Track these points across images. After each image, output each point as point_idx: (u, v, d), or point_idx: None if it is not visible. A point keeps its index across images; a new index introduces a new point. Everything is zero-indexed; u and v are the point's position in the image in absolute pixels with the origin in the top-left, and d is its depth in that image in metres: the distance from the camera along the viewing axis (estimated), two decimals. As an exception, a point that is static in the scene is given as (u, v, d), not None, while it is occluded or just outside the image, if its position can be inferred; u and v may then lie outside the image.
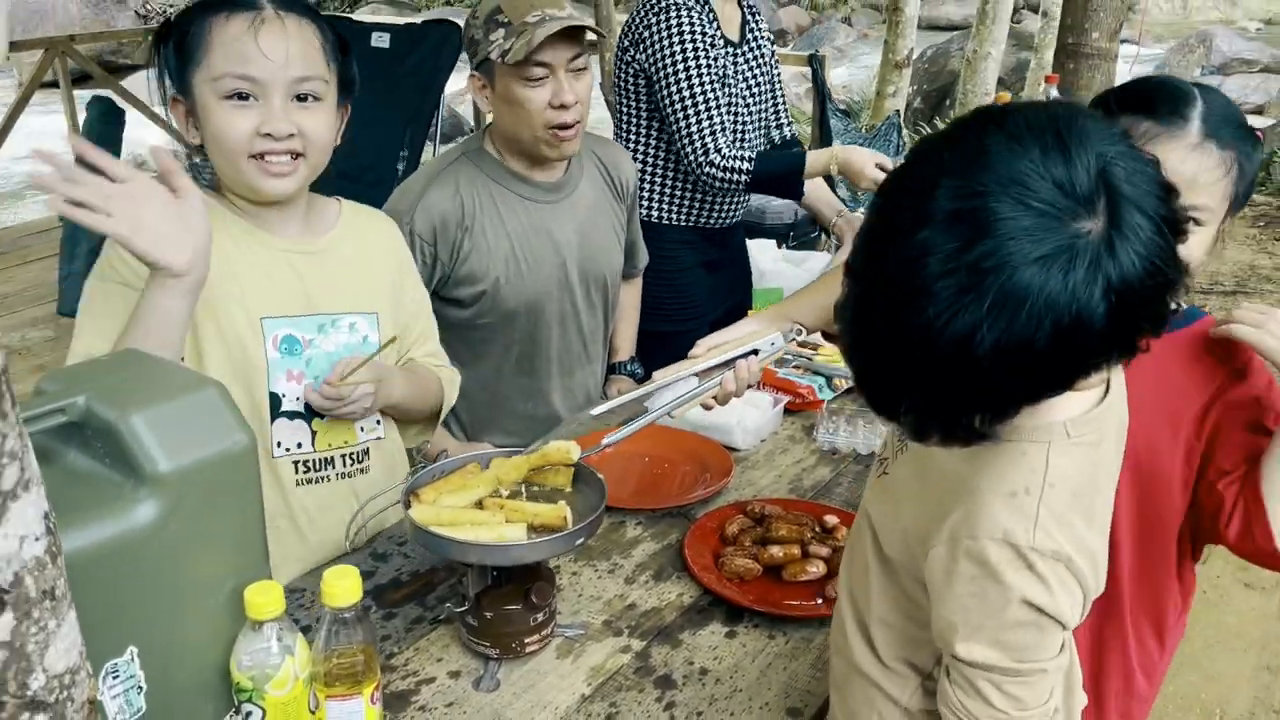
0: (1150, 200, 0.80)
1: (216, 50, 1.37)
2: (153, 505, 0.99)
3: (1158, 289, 0.80)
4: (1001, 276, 0.76)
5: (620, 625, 1.44)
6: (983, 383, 0.81)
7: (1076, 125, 0.80)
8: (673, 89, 2.44)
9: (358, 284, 1.57)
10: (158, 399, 1.02)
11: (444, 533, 1.25)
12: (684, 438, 1.89)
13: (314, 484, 1.56)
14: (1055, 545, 0.90)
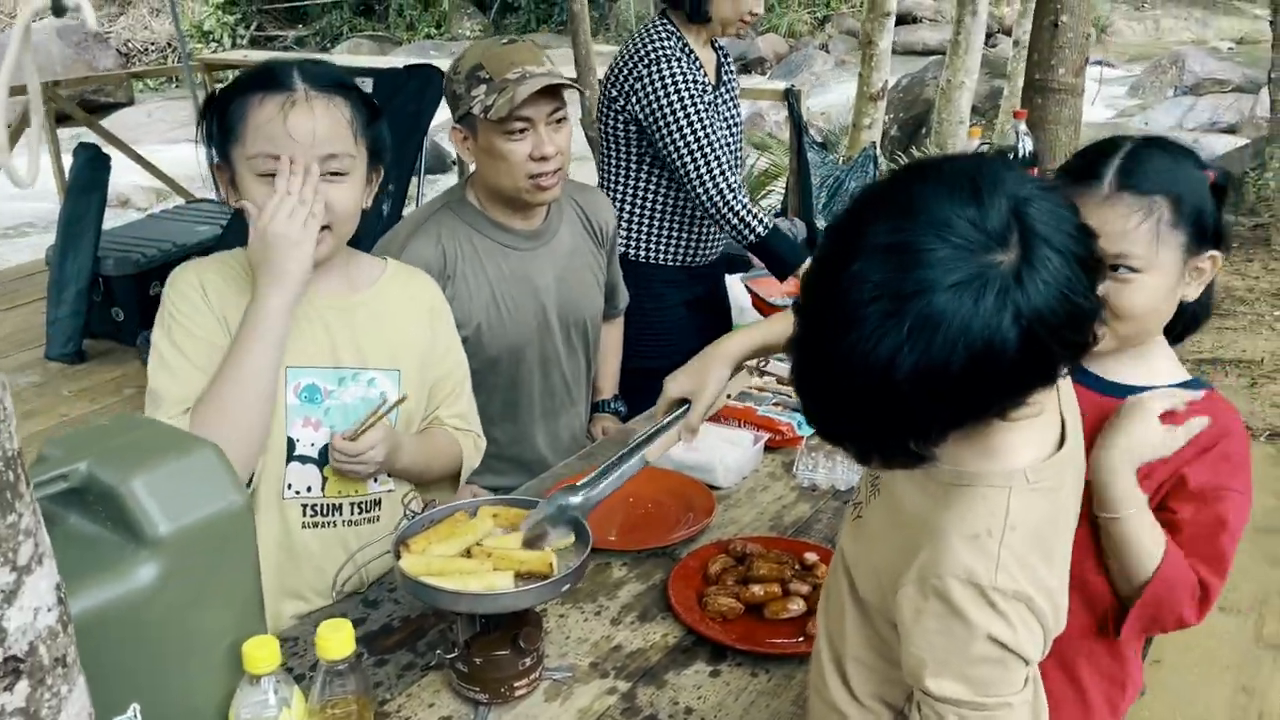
0: (1063, 238, 0.86)
1: (251, 130, 1.47)
2: (153, 566, 1.03)
3: (1070, 319, 0.86)
4: (920, 302, 0.83)
5: (607, 667, 1.48)
6: (906, 407, 0.86)
7: (991, 172, 0.88)
8: (677, 138, 2.54)
9: (384, 341, 1.63)
10: (156, 463, 1.06)
11: (433, 582, 1.29)
12: (667, 477, 1.93)
13: (320, 528, 1.61)
14: (1016, 585, 0.95)
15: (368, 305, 1.65)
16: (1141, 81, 14.32)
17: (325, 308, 1.60)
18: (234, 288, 1.56)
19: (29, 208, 8.50)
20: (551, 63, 1.98)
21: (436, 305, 1.77)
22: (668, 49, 2.55)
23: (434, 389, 1.74)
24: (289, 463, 1.58)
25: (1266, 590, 2.38)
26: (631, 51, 2.62)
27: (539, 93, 1.90)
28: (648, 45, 2.58)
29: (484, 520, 1.44)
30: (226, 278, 1.57)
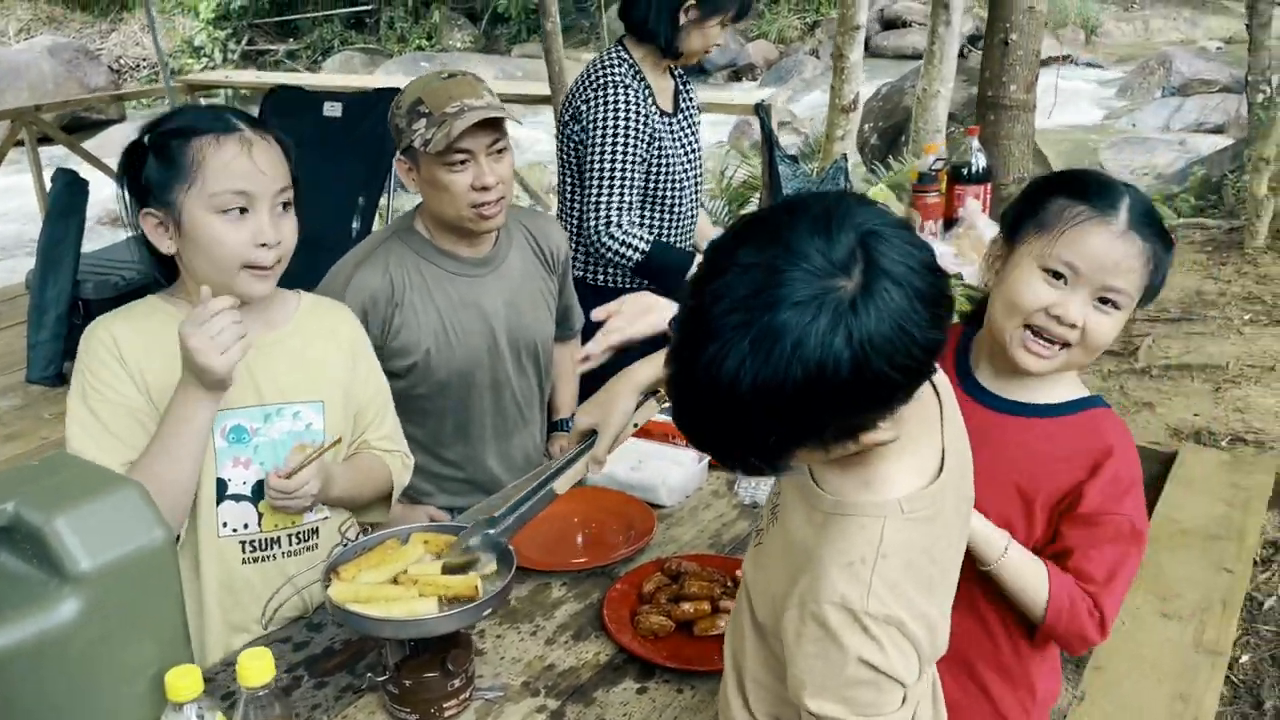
0: (905, 272, 0.92)
1: (212, 170, 1.51)
2: (76, 601, 1.08)
3: (904, 349, 0.91)
4: (766, 315, 0.88)
5: (538, 685, 1.53)
6: (748, 419, 0.91)
7: (845, 208, 0.94)
8: (595, 160, 2.59)
9: (306, 374, 1.68)
10: (79, 502, 1.12)
11: (359, 609, 1.35)
12: (609, 497, 1.99)
13: (261, 562, 1.66)
14: (888, 610, 0.99)
15: (286, 341, 1.69)
16: (1129, 82, 14.37)
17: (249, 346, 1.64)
18: (149, 340, 1.58)
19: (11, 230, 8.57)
20: (492, 95, 2.03)
21: (354, 334, 1.82)
22: (617, 76, 2.61)
23: (359, 415, 1.79)
24: (221, 503, 1.62)
25: (1210, 598, 2.43)
26: (584, 77, 2.69)
27: (478, 125, 1.95)
28: (600, 71, 2.65)
29: (414, 547, 1.49)
30: (140, 330, 1.59)
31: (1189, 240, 6.07)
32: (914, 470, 1.06)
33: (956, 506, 1.13)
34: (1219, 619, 2.37)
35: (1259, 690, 2.70)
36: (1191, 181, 7.37)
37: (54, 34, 16.32)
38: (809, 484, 1.06)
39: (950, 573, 1.12)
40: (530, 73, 14.03)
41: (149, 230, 1.56)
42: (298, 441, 1.67)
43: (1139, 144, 11.06)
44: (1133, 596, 2.47)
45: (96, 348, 1.57)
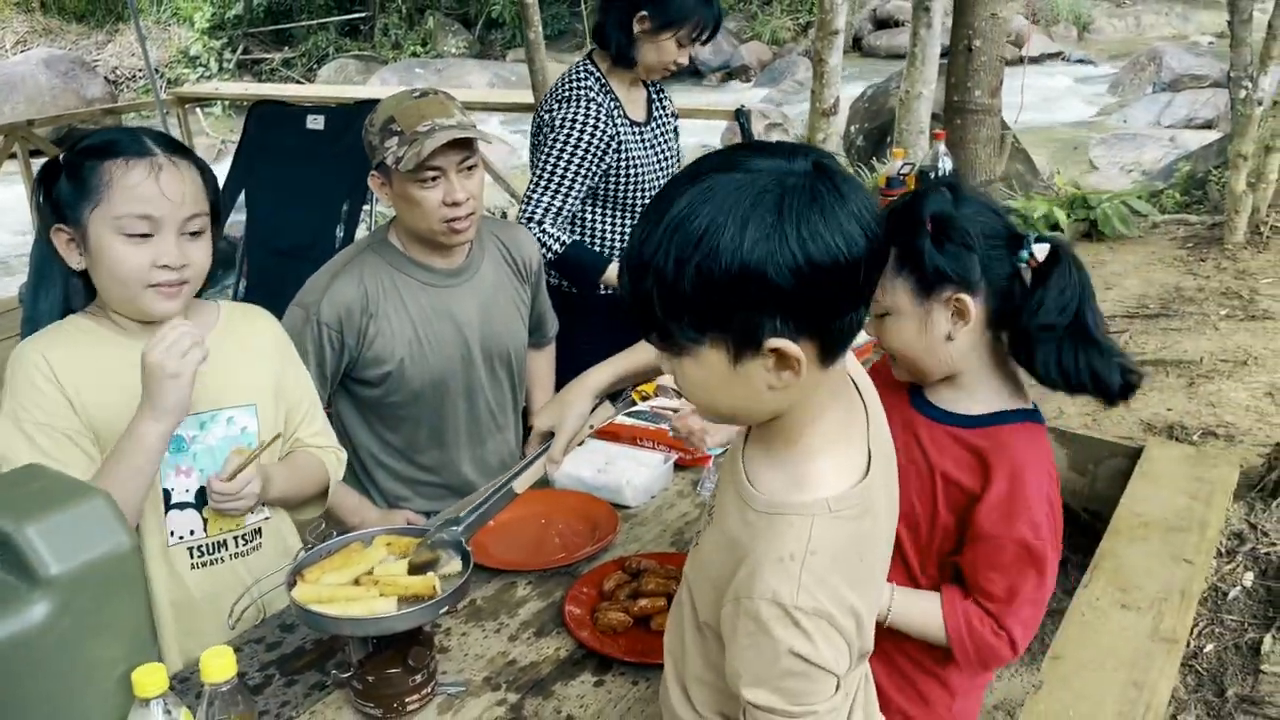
0: (856, 188, 1.00)
1: (118, 192, 1.55)
2: (45, 604, 1.15)
3: (837, 251, 0.98)
4: (718, 178, 0.98)
5: (499, 680, 1.60)
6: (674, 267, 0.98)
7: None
8: (542, 158, 2.70)
9: (235, 379, 1.74)
10: (49, 510, 1.19)
11: (321, 609, 1.41)
12: (573, 498, 2.06)
13: (209, 566, 1.73)
14: (816, 604, 1.05)
15: (217, 345, 1.71)
16: (1120, 79, 14.44)
17: None
18: (82, 355, 1.62)
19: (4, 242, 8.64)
20: (462, 113, 2.10)
21: (277, 336, 1.88)
22: (582, 89, 2.71)
23: (289, 414, 1.85)
24: (168, 513, 1.69)
25: (1168, 588, 2.49)
26: (554, 89, 2.77)
27: (449, 144, 2.02)
28: (566, 85, 2.75)
29: (378, 549, 1.56)
30: (72, 347, 1.63)
31: (1171, 236, 6.13)
32: (842, 470, 1.11)
33: (888, 503, 1.19)
34: (1177, 608, 2.42)
35: (1222, 679, 2.77)
36: (1177, 177, 7.42)
37: (50, 46, 16.42)
38: (744, 484, 1.11)
39: (878, 569, 1.17)
40: (525, 78, 14.04)
41: (60, 246, 1.59)
42: (235, 446, 1.73)
43: (1129, 140, 11.12)
44: (1091, 589, 2.53)
45: (30, 370, 1.59)
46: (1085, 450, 3.31)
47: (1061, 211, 5.69)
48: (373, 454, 2.27)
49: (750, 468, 1.12)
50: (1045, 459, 1.50)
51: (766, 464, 1.11)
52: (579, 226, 2.85)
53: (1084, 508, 3.43)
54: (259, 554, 1.77)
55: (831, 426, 1.10)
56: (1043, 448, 1.51)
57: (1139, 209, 6.23)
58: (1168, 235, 6.15)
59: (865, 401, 1.19)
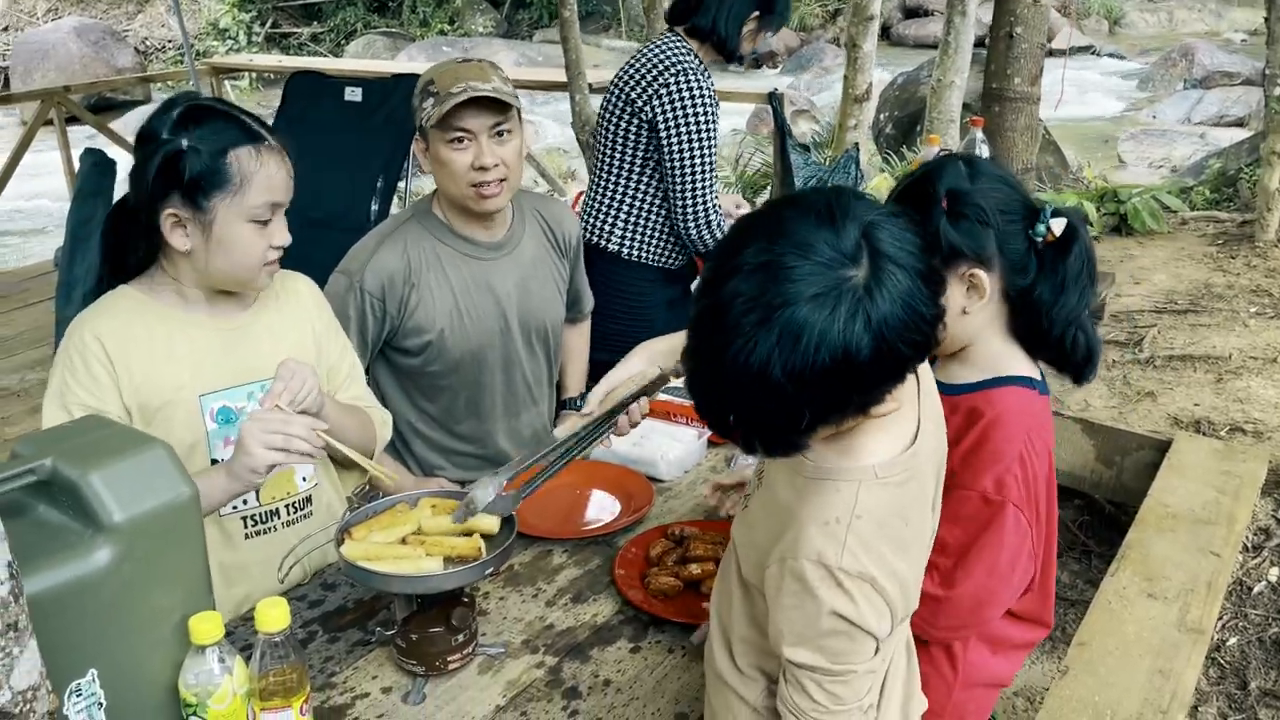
0: (906, 256, 1.01)
1: (255, 183, 1.59)
2: (108, 550, 1.18)
3: (914, 324, 1.00)
4: (786, 312, 0.97)
5: (537, 644, 1.63)
6: (780, 403, 0.99)
7: (843, 201, 1.03)
8: (685, 154, 2.77)
9: (279, 348, 1.75)
10: (113, 459, 1.21)
11: (369, 566, 1.44)
12: (609, 470, 2.08)
13: (262, 535, 1.75)
14: (860, 567, 1.08)
15: (257, 319, 1.76)
16: (1151, 74, 14.31)
17: (223, 330, 1.71)
18: (136, 331, 1.63)
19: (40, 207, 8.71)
20: (502, 81, 2.11)
21: (318, 300, 1.90)
22: (691, 64, 2.78)
23: (330, 375, 1.88)
24: None
25: (1195, 580, 2.50)
26: (656, 58, 2.81)
27: (481, 106, 2.03)
28: (673, 56, 2.79)
29: (422, 510, 1.59)
30: (127, 323, 1.63)
31: (1200, 233, 6.09)
32: (890, 438, 1.14)
33: (935, 470, 1.21)
34: (1203, 600, 2.43)
35: (1245, 672, 2.77)
36: (1208, 174, 7.37)
37: (81, 15, 16.49)
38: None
39: (924, 534, 1.20)
40: (551, 58, 14.08)
41: (165, 228, 1.59)
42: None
43: (1158, 136, 11.03)
44: (1118, 578, 2.54)
45: (83, 352, 1.61)
46: (1113, 442, 3.32)
47: (1091, 205, 5.67)
48: (410, 423, 2.30)
49: None
50: (1031, 421, 1.49)
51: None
52: (635, 200, 2.91)
53: (1108, 499, 3.44)
54: (308, 522, 1.80)
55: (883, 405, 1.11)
56: (1031, 410, 1.50)
57: (1170, 204, 6.19)
58: (1197, 232, 6.12)
59: (918, 371, 1.21)
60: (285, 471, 1.75)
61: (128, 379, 1.62)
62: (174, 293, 1.68)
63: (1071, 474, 3.38)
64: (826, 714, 1.12)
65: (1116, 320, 4.72)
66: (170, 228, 1.60)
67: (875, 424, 1.12)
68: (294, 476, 1.77)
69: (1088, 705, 2.13)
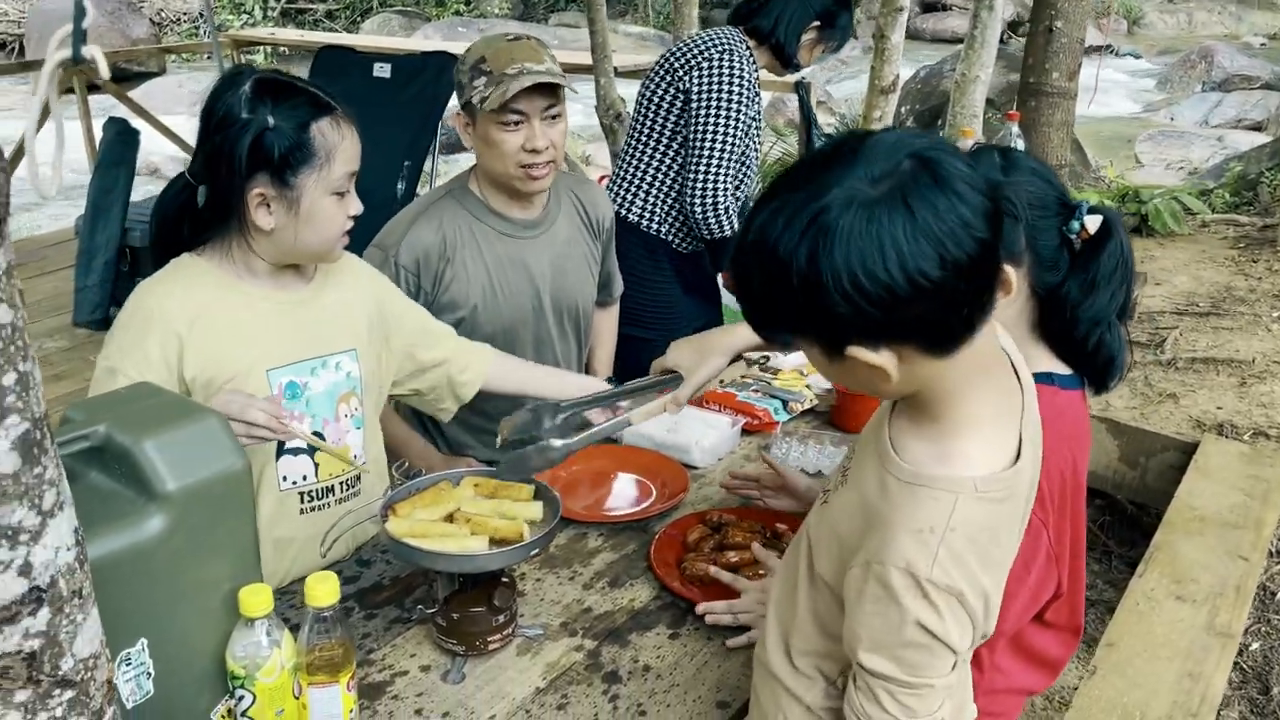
0: (954, 175, 0.96)
1: (338, 156, 1.58)
2: (161, 519, 1.16)
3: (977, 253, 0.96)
4: (829, 216, 0.94)
5: (576, 627, 1.61)
6: (818, 308, 0.97)
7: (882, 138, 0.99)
8: (709, 129, 2.75)
9: (338, 324, 1.75)
10: (166, 427, 1.20)
11: (415, 543, 1.43)
12: (644, 455, 2.06)
13: (317, 510, 1.74)
14: (949, 580, 1.04)
15: (320, 293, 1.74)
16: (1169, 75, 14.24)
17: (289, 304, 1.70)
18: (199, 300, 1.61)
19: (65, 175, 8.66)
20: (553, 61, 2.09)
21: (373, 279, 1.89)
22: (741, 51, 2.78)
23: (413, 351, 1.89)
24: (280, 458, 1.69)
25: (1224, 583, 2.48)
26: (708, 39, 2.83)
27: (534, 89, 2.02)
28: (726, 41, 2.80)
29: (466, 489, 1.57)
30: (190, 292, 1.61)
31: (1221, 236, 6.06)
32: (990, 452, 1.08)
33: (1029, 490, 1.16)
34: (1232, 604, 2.41)
35: (1268, 677, 2.76)
36: (1228, 177, 7.33)
37: (96, -16, 16.40)
38: (888, 451, 1.10)
39: (1010, 556, 1.14)
40: (566, 42, 14.02)
41: (251, 208, 1.57)
42: (341, 393, 1.74)
43: (1175, 137, 10.98)
44: (1146, 579, 2.52)
45: (142, 324, 1.58)
46: (1138, 443, 3.30)
47: (1112, 204, 5.64)
48: (440, 400, 2.28)
49: (895, 436, 1.11)
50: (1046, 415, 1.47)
51: (912, 434, 1.10)
52: (662, 174, 2.90)
53: (1131, 500, 3.42)
54: (358, 499, 1.79)
55: (980, 406, 1.08)
56: (1052, 405, 1.46)
57: (1191, 206, 6.16)
58: (1218, 235, 6.08)
59: (1023, 385, 1.16)
60: (342, 448, 1.73)
61: (195, 352, 1.59)
62: (244, 266, 1.66)
63: (1094, 473, 3.36)
64: None
65: (1138, 321, 4.69)
66: (256, 207, 1.58)
67: (974, 431, 1.08)
68: (348, 454, 1.75)
69: (1116, 706, 2.12)
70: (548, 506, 1.56)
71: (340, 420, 1.74)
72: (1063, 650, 1.74)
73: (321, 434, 1.72)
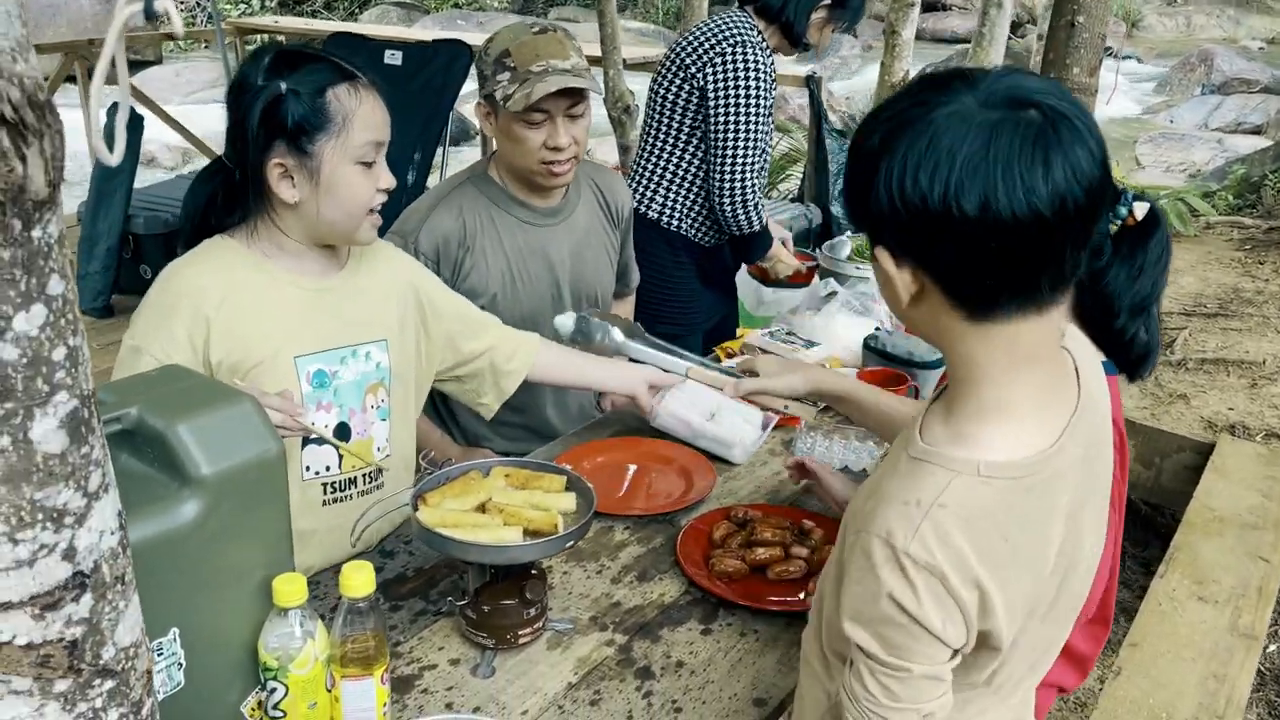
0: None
1: (358, 122, 1.53)
2: (194, 504, 1.13)
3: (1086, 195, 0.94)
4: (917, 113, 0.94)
5: (606, 621, 1.58)
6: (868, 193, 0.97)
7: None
8: (731, 126, 2.71)
9: (370, 313, 1.71)
10: (200, 411, 1.16)
11: (448, 533, 1.39)
12: (669, 448, 2.03)
13: (339, 502, 1.70)
14: (930, 558, 0.97)
15: (350, 280, 1.69)
16: (1169, 78, 14.24)
17: (319, 290, 1.65)
18: (237, 282, 1.57)
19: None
20: (579, 55, 2.05)
21: (409, 268, 1.85)
22: (754, 40, 2.73)
23: (454, 340, 1.85)
24: (305, 447, 1.64)
25: (1245, 584, 2.46)
26: (717, 28, 2.77)
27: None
28: (736, 28, 2.74)
29: (496, 479, 1.54)
30: (229, 274, 1.57)
31: (1226, 238, 6.06)
32: (1013, 440, 1.03)
33: (1068, 509, 1.06)
34: (1254, 605, 2.40)
35: (1285, 679, 2.74)
36: (1231, 180, 7.33)
37: (93, -29, 16.29)
38: (913, 432, 1.07)
39: (1032, 561, 1.04)
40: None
41: (273, 180, 1.53)
42: (369, 383, 1.70)
43: (1176, 140, 10.98)
44: (1168, 580, 2.50)
45: (170, 306, 1.54)
46: (1153, 443, 3.28)
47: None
48: (457, 391, 2.25)
49: (925, 421, 1.08)
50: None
51: (940, 418, 1.07)
52: (680, 170, 2.87)
53: (1144, 500, 3.40)
54: (380, 492, 1.74)
55: (1014, 392, 1.03)
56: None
57: (1197, 208, 6.15)
58: (1223, 236, 6.08)
59: (1080, 393, 1.10)
60: (365, 440, 1.69)
61: (223, 334, 1.55)
62: (276, 247, 1.62)
63: (1108, 473, 3.34)
64: (878, 707, 1.03)
65: (1147, 321, 4.67)
66: (278, 179, 1.54)
67: (1004, 419, 1.03)
68: (372, 446, 1.72)
69: (1142, 707, 2.10)
70: (581, 498, 1.53)
71: (367, 411, 1.70)
72: (1092, 645, 1.71)
73: (347, 424, 1.68)
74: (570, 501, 1.52)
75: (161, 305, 1.55)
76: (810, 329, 2.55)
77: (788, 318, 2.67)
